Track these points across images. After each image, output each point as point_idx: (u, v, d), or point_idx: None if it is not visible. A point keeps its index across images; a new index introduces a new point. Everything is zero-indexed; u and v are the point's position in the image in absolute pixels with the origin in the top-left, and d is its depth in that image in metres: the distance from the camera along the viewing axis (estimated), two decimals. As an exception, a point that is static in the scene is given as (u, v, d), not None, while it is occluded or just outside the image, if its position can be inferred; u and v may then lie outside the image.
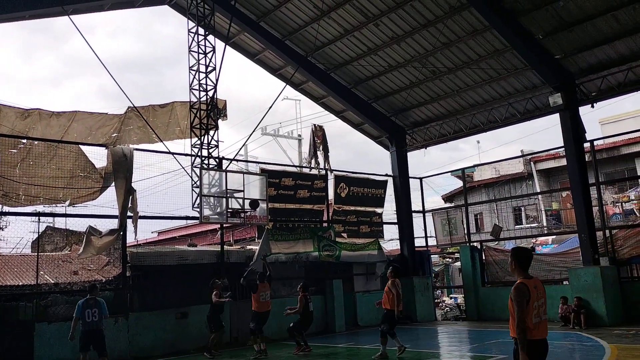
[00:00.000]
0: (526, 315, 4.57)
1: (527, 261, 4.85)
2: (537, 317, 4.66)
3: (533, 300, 4.64)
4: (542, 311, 4.71)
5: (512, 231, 25.13)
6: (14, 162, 12.18)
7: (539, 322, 4.66)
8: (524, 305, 4.58)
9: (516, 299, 4.62)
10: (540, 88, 16.23)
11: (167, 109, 14.84)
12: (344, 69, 18.17)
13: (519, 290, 4.64)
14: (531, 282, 4.74)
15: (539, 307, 4.68)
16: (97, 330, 9.88)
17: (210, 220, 14.12)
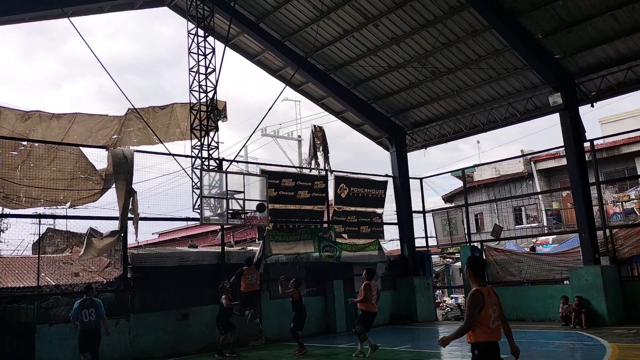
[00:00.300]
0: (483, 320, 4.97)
1: (481, 270, 5.24)
2: (494, 322, 5.04)
3: (488, 307, 5.00)
4: (497, 317, 5.06)
5: (513, 231, 25.13)
6: (14, 164, 12.20)
7: (495, 326, 5.05)
8: (476, 311, 4.95)
9: (470, 305, 5.00)
10: (540, 88, 16.24)
11: (167, 111, 14.86)
12: (344, 70, 18.19)
13: (474, 297, 5.00)
14: (485, 289, 5.08)
15: (494, 313, 5.04)
16: (94, 329, 9.96)
17: (210, 221, 14.12)
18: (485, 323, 4.97)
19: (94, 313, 9.85)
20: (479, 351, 5.04)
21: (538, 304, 16.32)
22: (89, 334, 9.89)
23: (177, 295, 13.57)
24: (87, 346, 9.92)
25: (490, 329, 4.99)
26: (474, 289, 5.08)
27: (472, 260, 5.30)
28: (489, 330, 4.98)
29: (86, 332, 9.87)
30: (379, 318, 17.88)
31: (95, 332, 9.98)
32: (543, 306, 16.15)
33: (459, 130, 18.84)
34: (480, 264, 5.30)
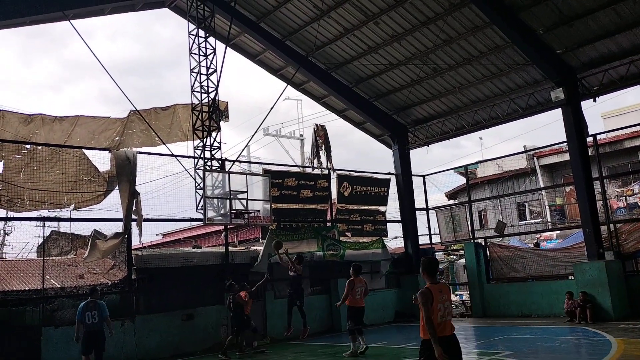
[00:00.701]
0: (432, 314, 5.27)
1: (434, 270, 5.61)
2: (442, 317, 5.36)
3: (437, 302, 5.34)
4: (446, 312, 5.40)
5: (517, 227, 25.10)
6: (18, 168, 12.23)
7: (444, 321, 5.36)
8: (428, 306, 5.28)
9: (421, 302, 5.32)
10: (542, 83, 16.20)
11: (169, 112, 14.88)
12: (345, 68, 18.17)
13: (422, 294, 5.36)
14: (436, 287, 5.47)
15: (444, 309, 5.38)
16: (98, 331, 10.10)
17: (214, 221, 14.15)
18: (433, 318, 5.29)
19: (97, 315, 9.99)
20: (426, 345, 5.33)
21: (543, 300, 16.30)
22: (91, 336, 10.05)
23: (182, 296, 13.61)
24: (89, 348, 10.03)
25: (437, 324, 5.29)
26: (425, 287, 5.46)
27: (426, 262, 5.66)
28: (437, 325, 5.29)
29: (89, 334, 10.04)
30: (384, 316, 18.00)
31: (99, 334, 10.08)
32: (548, 302, 16.13)
33: (461, 127, 18.82)
34: (433, 265, 5.64)
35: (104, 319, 10.08)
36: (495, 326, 14.98)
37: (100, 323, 10.03)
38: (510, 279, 17.61)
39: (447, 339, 5.31)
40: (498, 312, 17.29)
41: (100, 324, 10.03)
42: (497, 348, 10.96)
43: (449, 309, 5.45)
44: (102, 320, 10.05)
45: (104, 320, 10.12)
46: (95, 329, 10.03)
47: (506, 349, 10.64)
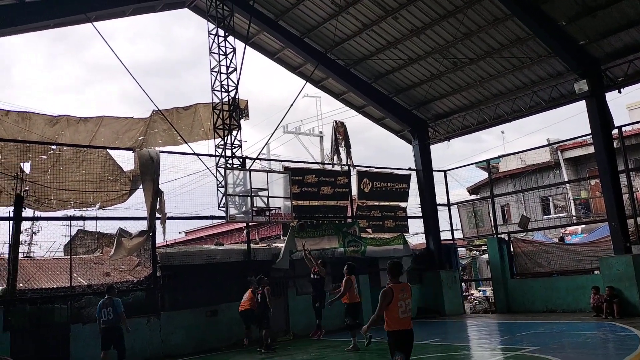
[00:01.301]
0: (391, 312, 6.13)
1: (397, 272, 6.39)
2: (404, 313, 6.18)
3: (397, 300, 6.14)
4: (407, 309, 6.22)
5: (540, 221, 24.75)
6: (44, 168, 12.50)
7: (405, 317, 6.17)
8: (385, 304, 6.12)
9: (380, 299, 6.17)
10: (565, 75, 15.95)
11: (191, 111, 15.03)
12: (364, 64, 18.13)
13: (384, 293, 6.19)
14: (398, 286, 6.27)
15: (404, 306, 6.19)
16: (113, 328, 10.32)
17: (236, 219, 14.27)
18: (394, 314, 6.12)
19: (112, 312, 10.28)
20: (390, 337, 6.21)
21: (568, 295, 16.08)
22: (108, 332, 10.33)
23: (206, 293, 13.76)
24: (107, 344, 10.35)
25: (398, 319, 6.13)
26: (387, 286, 6.26)
27: (391, 264, 6.46)
28: (398, 320, 6.13)
29: (106, 330, 10.34)
30: (406, 312, 17.90)
31: (115, 330, 10.34)
32: (573, 297, 15.91)
33: (482, 121, 18.63)
34: (396, 267, 6.44)
35: (118, 315, 10.30)
36: (520, 322, 14.83)
37: (116, 319, 10.29)
38: (535, 274, 17.41)
39: (406, 332, 6.19)
40: (522, 307, 17.11)
41: (115, 320, 10.29)
42: (522, 343, 10.86)
43: (409, 306, 6.24)
44: (117, 316, 10.28)
45: (119, 317, 10.33)
46: (111, 325, 10.30)
47: (531, 344, 10.54)
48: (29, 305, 11.53)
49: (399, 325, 6.14)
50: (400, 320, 6.14)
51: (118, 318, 10.31)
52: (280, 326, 15.10)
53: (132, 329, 12.23)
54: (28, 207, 12.32)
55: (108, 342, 10.36)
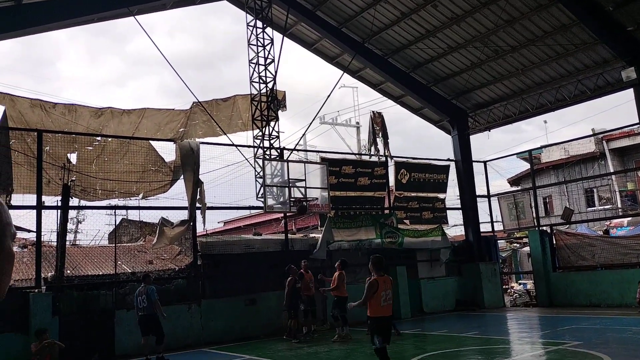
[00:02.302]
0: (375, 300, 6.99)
1: (380, 265, 7.21)
2: (385, 302, 7.06)
3: (381, 290, 6.98)
4: (388, 298, 7.07)
5: (584, 214, 24.05)
6: (90, 159, 12.91)
7: (386, 305, 7.06)
8: (371, 294, 6.97)
9: (367, 289, 7.02)
10: (612, 63, 15.40)
11: (229, 103, 15.21)
12: (402, 54, 17.93)
13: (371, 284, 7.03)
14: (382, 278, 7.08)
15: (386, 296, 7.06)
16: (148, 315, 10.55)
17: (274, 209, 14.40)
18: (377, 303, 7.01)
19: (146, 299, 10.50)
20: (371, 321, 7.08)
21: (613, 289, 15.61)
22: (143, 319, 10.61)
23: (244, 282, 13.97)
24: (145, 330, 10.63)
25: (380, 307, 7.04)
26: (373, 278, 7.07)
27: (374, 259, 7.29)
28: (380, 308, 7.03)
29: (141, 318, 10.62)
30: (444, 304, 17.80)
31: (150, 317, 10.57)
32: (619, 291, 15.43)
33: (524, 111, 18.19)
34: (380, 261, 7.26)
35: (152, 303, 10.53)
36: (562, 315, 14.50)
37: (150, 307, 10.51)
38: (578, 267, 16.96)
39: (386, 319, 7.14)
40: (565, 301, 16.72)
41: (150, 307, 10.51)
42: (564, 338, 10.63)
43: (389, 296, 7.10)
44: (151, 304, 10.51)
45: (153, 304, 10.55)
46: (147, 312, 10.55)
47: (574, 339, 10.29)
48: (76, 291, 11.95)
49: (381, 312, 7.06)
50: (382, 308, 7.04)
51: (152, 305, 10.52)
52: (318, 316, 15.20)
53: (173, 315, 12.59)
54: (75, 196, 12.77)
55: (145, 329, 10.65)
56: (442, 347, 10.58)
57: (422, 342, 11.90)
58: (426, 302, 17.50)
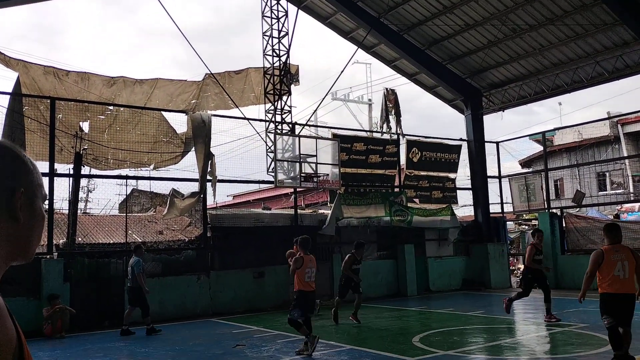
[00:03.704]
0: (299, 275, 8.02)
1: (306, 245, 8.15)
2: (309, 278, 8.01)
3: (305, 267, 7.94)
4: (312, 275, 8.03)
5: (595, 197, 23.89)
6: (102, 128, 12.95)
7: (309, 281, 7.99)
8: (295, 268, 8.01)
9: (293, 264, 8.06)
10: (632, 45, 15.07)
11: (242, 75, 15.11)
12: (418, 30, 17.64)
13: (296, 259, 8.09)
14: (307, 257, 8.03)
15: (310, 272, 8.00)
16: (132, 287, 10.68)
17: (284, 184, 14.42)
18: (301, 278, 7.95)
19: (131, 272, 10.63)
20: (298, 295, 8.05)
21: (622, 274, 15.55)
22: (129, 291, 10.83)
23: (253, 255, 14.09)
24: (131, 301, 10.78)
25: (304, 282, 7.97)
26: (299, 255, 8.04)
27: (301, 239, 8.10)
28: (304, 283, 7.98)
29: (128, 289, 10.86)
30: (451, 283, 17.86)
31: (133, 290, 10.69)
32: (627, 276, 15.38)
33: (540, 91, 17.92)
34: (306, 241, 8.11)
35: (135, 276, 10.55)
36: (569, 298, 14.48)
37: (133, 279, 10.57)
38: (587, 250, 16.86)
39: (311, 292, 8.12)
40: (572, 284, 16.68)
41: (133, 280, 10.59)
42: (569, 320, 10.65)
43: (314, 273, 8.05)
44: (134, 276, 10.54)
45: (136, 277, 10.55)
46: (131, 284, 10.67)
47: (580, 321, 10.31)
48: (87, 258, 12.11)
49: (305, 287, 7.96)
50: (306, 283, 7.95)
51: (134, 277, 10.55)
52: (324, 290, 15.34)
53: (183, 285, 12.79)
54: (86, 165, 12.85)
55: (130, 300, 10.81)
56: (447, 325, 10.65)
57: (428, 319, 11.97)
58: (433, 281, 17.57)
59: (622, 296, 6.45)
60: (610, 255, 6.54)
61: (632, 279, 6.49)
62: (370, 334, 9.98)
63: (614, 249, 6.61)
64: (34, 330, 10.50)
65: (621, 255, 6.50)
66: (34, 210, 1.13)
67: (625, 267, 6.44)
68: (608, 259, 6.54)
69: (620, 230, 6.92)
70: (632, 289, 6.51)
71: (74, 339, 10.29)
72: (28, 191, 1.12)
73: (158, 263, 12.90)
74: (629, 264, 6.46)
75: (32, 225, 1.13)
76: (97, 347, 9.44)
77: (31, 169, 1.14)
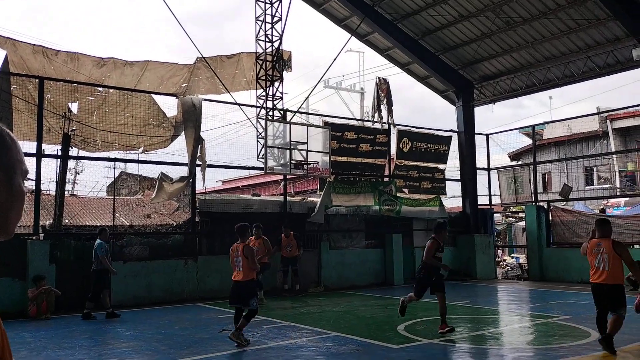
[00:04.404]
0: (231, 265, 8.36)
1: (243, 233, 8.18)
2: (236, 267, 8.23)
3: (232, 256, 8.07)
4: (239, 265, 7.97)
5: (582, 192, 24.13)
6: (91, 109, 12.81)
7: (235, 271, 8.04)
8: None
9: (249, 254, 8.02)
10: (624, 40, 15.14)
11: (234, 60, 14.98)
12: (412, 19, 17.59)
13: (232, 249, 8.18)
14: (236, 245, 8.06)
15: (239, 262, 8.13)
16: (94, 270, 10.69)
17: (274, 170, 14.39)
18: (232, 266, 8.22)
19: (94, 256, 10.66)
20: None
21: (605, 268, 15.79)
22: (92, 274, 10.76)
23: (241, 241, 14.05)
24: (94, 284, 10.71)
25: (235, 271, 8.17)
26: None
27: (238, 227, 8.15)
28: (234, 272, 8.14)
29: (92, 272, 10.78)
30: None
31: (93, 272, 10.68)
32: (610, 270, 15.61)
33: (531, 85, 17.99)
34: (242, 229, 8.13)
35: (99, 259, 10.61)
36: (553, 290, 14.71)
37: (97, 262, 10.63)
38: (572, 244, 17.09)
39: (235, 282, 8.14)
40: (556, 276, 16.93)
41: (96, 263, 10.65)
42: (552, 311, 10.80)
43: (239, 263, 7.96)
44: (97, 259, 10.61)
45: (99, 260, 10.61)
46: (94, 267, 10.69)
47: (563, 312, 10.46)
48: (73, 240, 12.05)
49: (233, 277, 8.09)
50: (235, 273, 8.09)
51: (97, 260, 10.61)
52: (312, 278, 15.42)
53: (170, 270, 12.78)
54: (74, 146, 12.73)
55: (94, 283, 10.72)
56: (432, 314, 10.74)
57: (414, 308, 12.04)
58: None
59: (600, 286, 6.95)
60: (592, 248, 7.06)
61: (613, 270, 6.85)
62: (356, 322, 10.05)
63: (597, 242, 7.06)
64: (19, 311, 10.46)
65: (601, 248, 6.93)
66: (12, 187, 1.11)
67: (605, 259, 6.86)
68: (590, 251, 7.08)
69: (609, 225, 7.37)
70: (612, 279, 6.88)
71: (59, 321, 10.27)
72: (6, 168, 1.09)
73: (145, 247, 12.86)
74: (608, 256, 6.85)
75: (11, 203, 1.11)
76: (82, 329, 9.43)
77: (10, 144, 1.11)
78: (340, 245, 16.51)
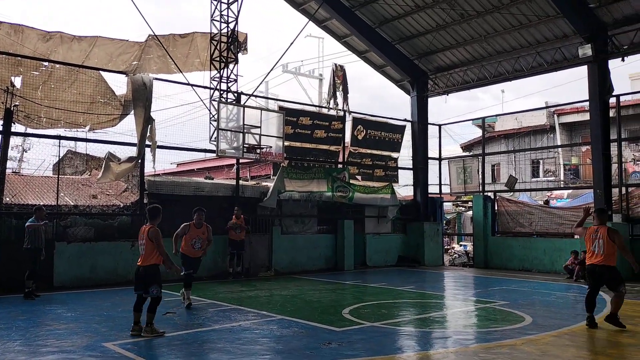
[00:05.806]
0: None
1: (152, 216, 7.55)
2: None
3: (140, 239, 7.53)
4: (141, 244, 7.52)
5: (528, 183, 25.01)
6: (35, 85, 12.33)
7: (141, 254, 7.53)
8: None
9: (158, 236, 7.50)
10: (571, 38, 15.69)
11: (188, 40, 14.68)
12: (369, 7, 17.67)
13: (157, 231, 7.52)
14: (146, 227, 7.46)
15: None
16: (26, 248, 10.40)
17: (226, 154, 14.26)
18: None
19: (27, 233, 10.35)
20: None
21: (545, 256, 16.48)
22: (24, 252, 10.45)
23: (191, 224, 13.89)
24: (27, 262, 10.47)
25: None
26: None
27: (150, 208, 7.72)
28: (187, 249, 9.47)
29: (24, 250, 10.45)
30: (387, 259, 18.39)
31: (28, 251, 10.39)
32: (550, 259, 16.31)
33: (483, 78, 18.43)
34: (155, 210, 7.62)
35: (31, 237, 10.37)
36: (495, 277, 15.24)
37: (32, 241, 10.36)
38: (516, 233, 17.75)
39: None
40: (500, 264, 17.56)
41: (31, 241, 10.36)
42: (493, 297, 11.20)
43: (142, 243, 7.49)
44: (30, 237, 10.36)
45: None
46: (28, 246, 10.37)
47: (502, 299, 10.87)
48: (14, 219, 11.64)
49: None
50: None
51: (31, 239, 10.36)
52: (262, 262, 15.44)
53: (116, 251, 12.57)
54: (17, 122, 12.24)
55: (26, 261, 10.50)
56: (378, 298, 10.99)
57: (361, 293, 12.29)
58: (370, 256, 18.02)
59: (595, 266, 7.90)
60: (591, 234, 8.03)
61: (608, 253, 7.79)
62: (303, 305, 10.16)
63: (595, 229, 8.04)
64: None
65: (598, 234, 7.92)
66: None
67: (600, 244, 7.84)
68: (589, 237, 8.05)
69: (606, 214, 8.80)
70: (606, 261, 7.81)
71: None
72: None
73: (90, 228, 12.56)
74: (604, 242, 7.83)
75: None
76: (21, 310, 9.16)
77: None
78: (292, 230, 16.58)
